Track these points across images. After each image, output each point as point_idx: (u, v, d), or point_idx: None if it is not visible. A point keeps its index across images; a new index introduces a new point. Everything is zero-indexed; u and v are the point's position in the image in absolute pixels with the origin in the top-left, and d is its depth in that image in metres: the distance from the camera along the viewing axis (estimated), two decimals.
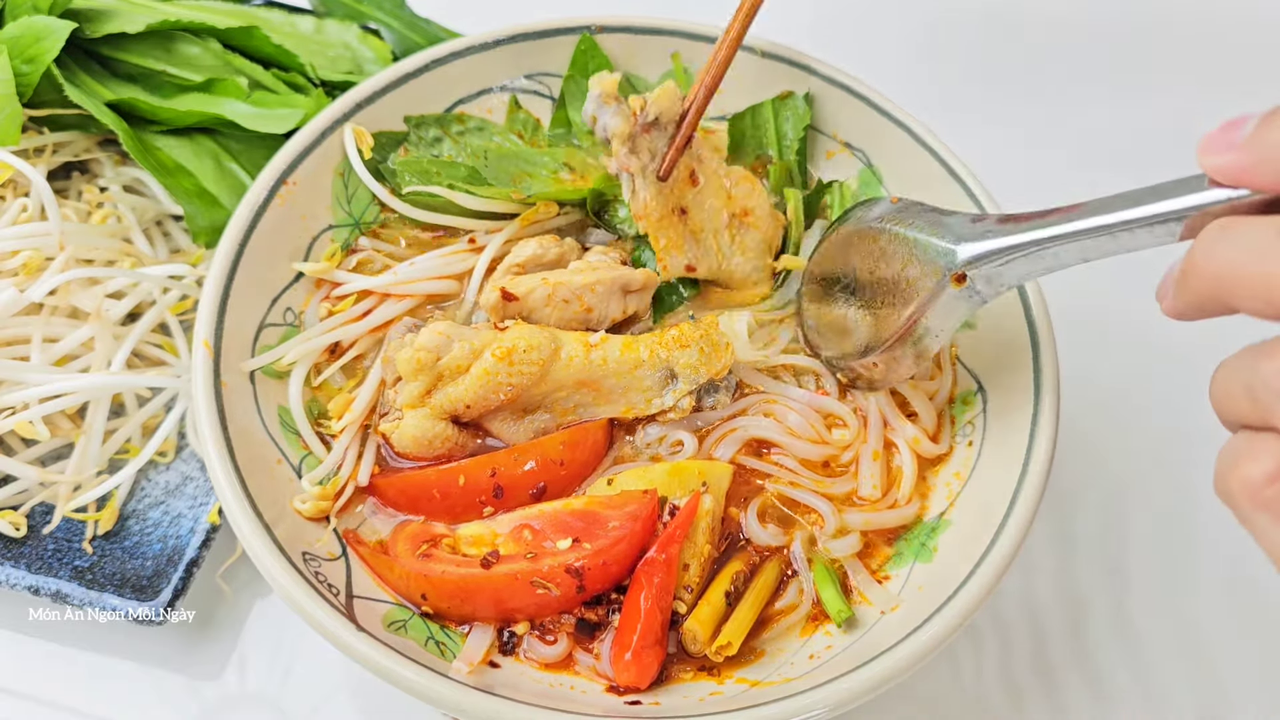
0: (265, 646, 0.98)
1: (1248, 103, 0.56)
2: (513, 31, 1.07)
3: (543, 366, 0.85)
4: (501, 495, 0.87)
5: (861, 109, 1.03)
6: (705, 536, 0.85)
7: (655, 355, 0.89)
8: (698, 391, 0.91)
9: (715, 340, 0.91)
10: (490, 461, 0.87)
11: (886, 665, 0.73)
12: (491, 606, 0.81)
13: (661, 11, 1.10)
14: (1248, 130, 0.52)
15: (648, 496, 0.84)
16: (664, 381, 0.89)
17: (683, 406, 0.90)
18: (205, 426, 0.82)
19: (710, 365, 0.90)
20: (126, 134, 1.07)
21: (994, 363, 0.93)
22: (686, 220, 0.95)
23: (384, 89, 1.02)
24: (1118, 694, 1.00)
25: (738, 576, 0.86)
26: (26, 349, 1.00)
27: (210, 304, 0.88)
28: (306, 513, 0.85)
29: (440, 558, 0.82)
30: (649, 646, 0.79)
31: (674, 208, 0.95)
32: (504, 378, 0.85)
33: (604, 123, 0.91)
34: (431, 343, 0.85)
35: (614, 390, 0.89)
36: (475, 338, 0.86)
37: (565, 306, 0.92)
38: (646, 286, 0.96)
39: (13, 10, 1.10)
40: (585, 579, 0.80)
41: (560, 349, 0.87)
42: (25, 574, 0.94)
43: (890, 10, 1.56)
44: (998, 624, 1.03)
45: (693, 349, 0.89)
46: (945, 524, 0.87)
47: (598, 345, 0.88)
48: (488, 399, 0.86)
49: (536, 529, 0.84)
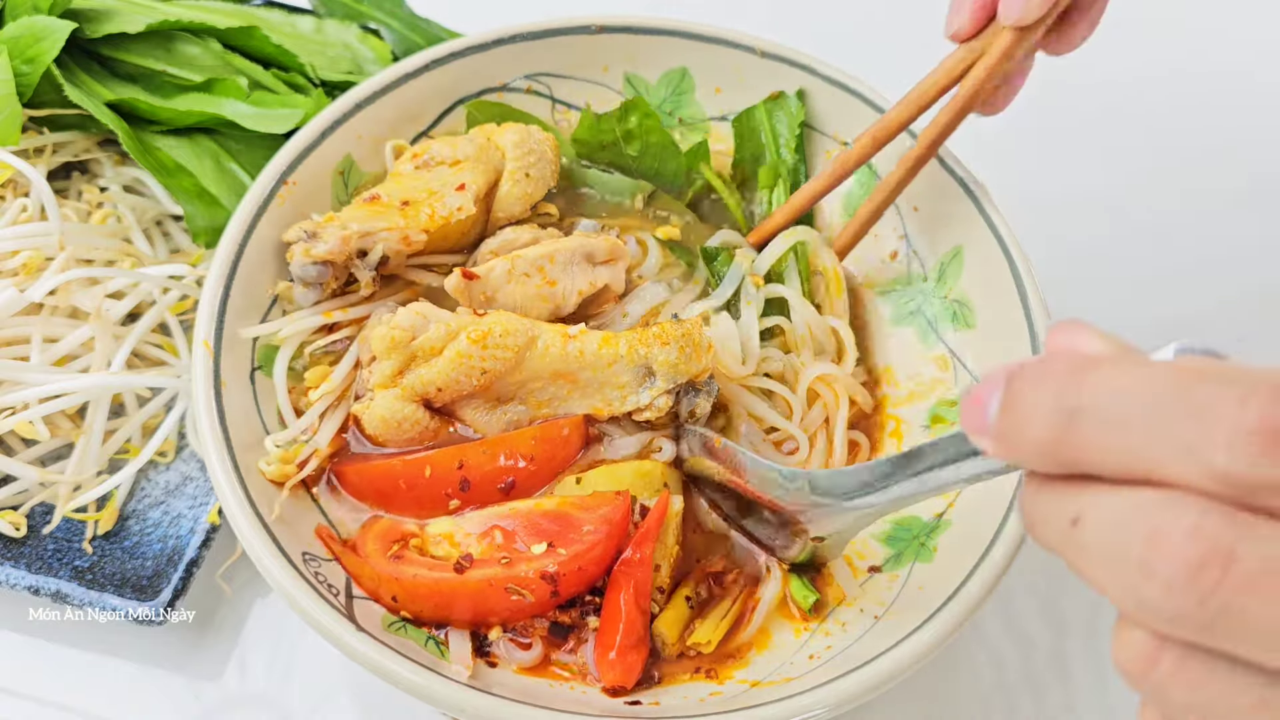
0: (265, 646, 0.98)
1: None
2: (513, 31, 1.07)
3: (517, 353, 0.84)
4: (468, 489, 0.85)
5: (861, 109, 1.03)
6: (674, 537, 0.85)
7: (634, 351, 0.86)
8: (676, 393, 0.88)
9: (697, 340, 0.87)
10: (458, 454, 0.85)
11: (887, 665, 0.73)
12: (465, 611, 0.80)
13: (661, 11, 1.10)
14: (994, 410, 0.47)
15: (620, 498, 0.83)
16: (641, 379, 0.87)
17: (658, 406, 0.87)
18: (205, 426, 0.82)
19: (689, 366, 0.87)
20: (126, 134, 1.07)
21: (994, 363, 0.93)
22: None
23: (384, 89, 1.02)
24: (1118, 692, 1.00)
25: (702, 580, 0.87)
26: (26, 349, 1.00)
27: (210, 304, 0.88)
28: (271, 475, 0.85)
29: (412, 560, 0.81)
30: (632, 646, 0.79)
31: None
32: (477, 362, 0.83)
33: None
34: (407, 321, 0.84)
35: (590, 384, 0.87)
36: (453, 320, 0.85)
37: (526, 281, 0.90)
38: (614, 256, 0.94)
39: (13, 10, 1.10)
40: (560, 584, 0.79)
41: (537, 338, 0.85)
42: (25, 574, 0.94)
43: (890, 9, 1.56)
44: (998, 623, 1.03)
45: (672, 346, 0.86)
46: (945, 524, 0.87)
47: (576, 337, 0.86)
48: (460, 383, 0.84)
49: (508, 530, 0.82)
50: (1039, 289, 0.91)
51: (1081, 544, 0.44)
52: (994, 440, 0.47)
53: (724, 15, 0.99)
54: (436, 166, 0.98)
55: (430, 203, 0.94)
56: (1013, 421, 0.46)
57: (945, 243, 1.00)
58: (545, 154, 1.01)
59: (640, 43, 1.09)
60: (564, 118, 1.12)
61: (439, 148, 1.00)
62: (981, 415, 0.48)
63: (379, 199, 0.95)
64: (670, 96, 1.12)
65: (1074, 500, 0.45)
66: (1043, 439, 0.45)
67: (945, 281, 1.00)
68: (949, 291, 0.99)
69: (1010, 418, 0.46)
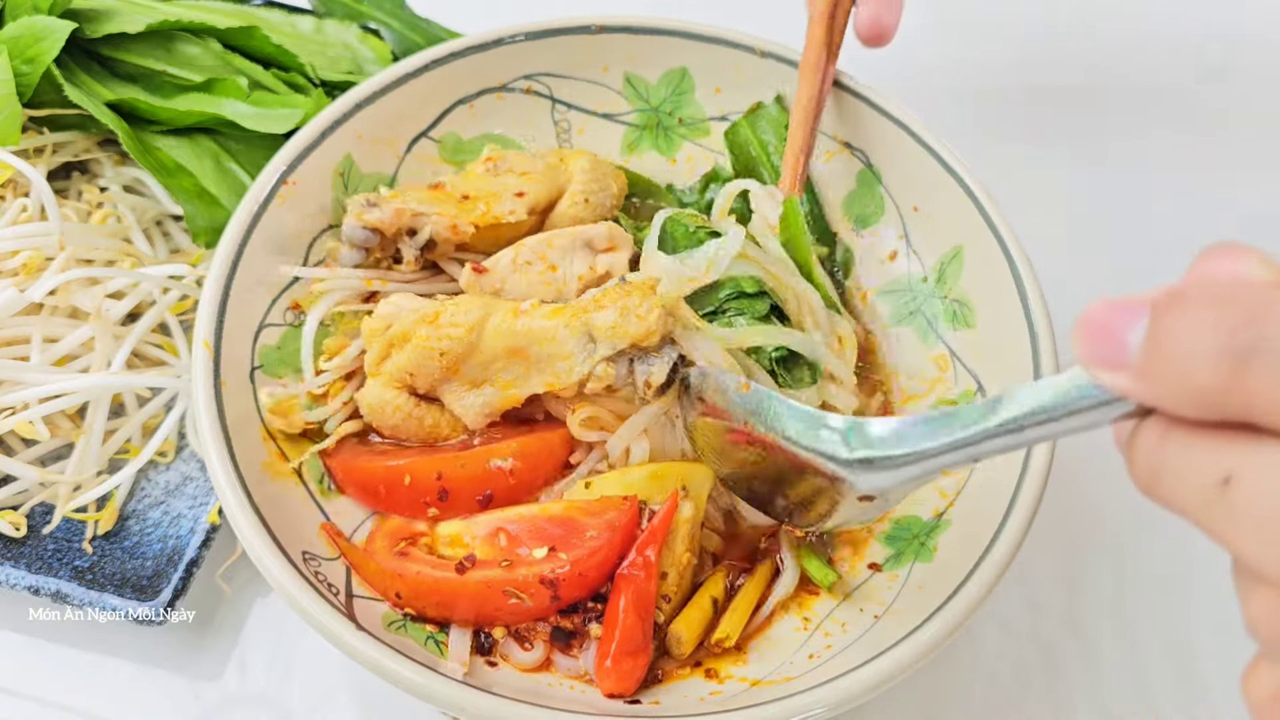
0: (265, 646, 0.98)
1: None
2: (513, 31, 1.07)
3: (469, 331, 0.84)
4: (446, 499, 0.86)
5: (861, 108, 1.03)
6: (685, 544, 0.83)
7: (576, 319, 0.83)
8: (627, 361, 0.83)
9: (637, 304, 0.82)
10: (438, 464, 0.86)
11: (886, 665, 0.73)
12: (465, 611, 0.80)
13: (661, 11, 1.10)
14: (1136, 343, 0.41)
15: (627, 504, 0.82)
16: (584, 347, 0.83)
17: (598, 374, 0.83)
18: (205, 426, 0.82)
19: (630, 328, 0.81)
20: (126, 134, 1.07)
21: (994, 363, 0.93)
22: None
23: (384, 89, 1.02)
24: (1118, 693, 1.00)
25: (728, 578, 0.87)
26: (26, 349, 1.00)
27: (210, 304, 0.88)
28: (271, 411, 0.88)
29: (416, 557, 0.81)
30: (629, 653, 0.78)
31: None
32: (435, 343, 0.84)
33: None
34: (384, 310, 0.87)
35: (541, 359, 0.85)
36: (426, 308, 0.86)
37: (529, 269, 0.92)
38: (615, 243, 0.94)
39: (13, 10, 1.10)
40: (560, 589, 0.79)
41: (490, 316, 0.85)
42: (25, 574, 0.94)
43: None
44: (998, 623, 1.03)
45: (610, 310, 0.82)
46: (945, 524, 0.87)
47: (527, 313, 0.85)
48: (426, 366, 0.86)
49: (512, 533, 0.83)
50: (1039, 289, 0.91)
51: (1232, 506, 0.38)
52: (1135, 378, 0.41)
53: (724, 15, 0.99)
54: (505, 173, 1.01)
55: (487, 201, 0.97)
56: (1164, 358, 0.39)
57: (945, 243, 1.00)
58: (609, 186, 1.03)
59: (640, 43, 1.09)
60: (563, 118, 1.12)
61: (513, 157, 1.03)
62: (1114, 347, 0.41)
63: (443, 187, 0.99)
64: (670, 96, 1.12)
65: (1228, 455, 0.39)
66: (1205, 382, 0.38)
67: (945, 281, 1.00)
68: (949, 291, 0.99)
69: (1160, 353, 0.40)
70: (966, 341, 0.97)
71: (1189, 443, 0.40)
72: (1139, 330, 0.41)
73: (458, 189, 0.99)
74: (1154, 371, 0.40)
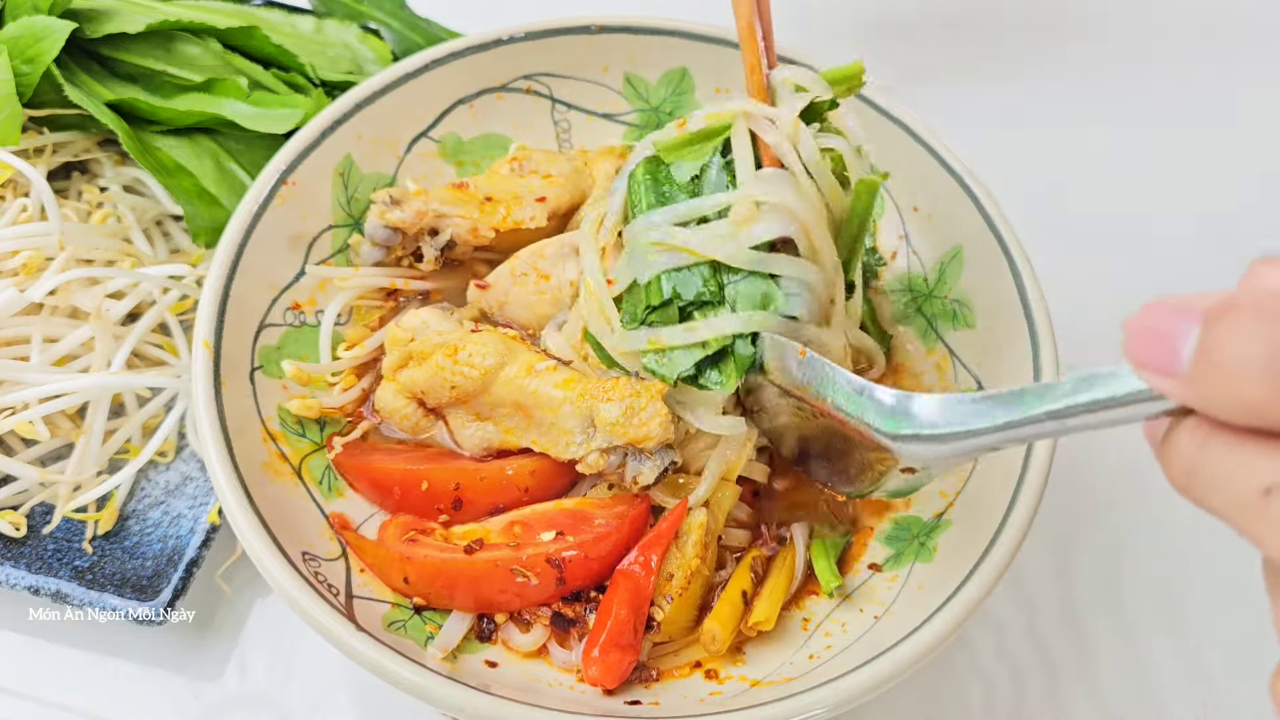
0: (265, 646, 0.98)
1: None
2: (513, 31, 1.07)
3: (484, 375, 0.85)
4: (460, 508, 0.87)
5: (860, 108, 1.03)
6: (695, 550, 0.83)
7: (582, 399, 0.83)
8: (621, 454, 0.83)
9: (643, 407, 0.81)
10: (457, 474, 0.87)
11: (886, 665, 0.73)
12: (472, 592, 0.82)
13: (661, 11, 1.10)
14: (1188, 354, 0.41)
15: (640, 500, 0.84)
16: (584, 429, 0.84)
17: (590, 462, 0.83)
18: (205, 426, 0.82)
19: (630, 430, 0.81)
20: (126, 134, 1.07)
21: (994, 363, 0.93)
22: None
23: (384, 89, 1.02)
24: (1117, 693, 1.00)
25: (755, 566, 0.87)
26: (26, 349, 1.00)
27: (210, 304, 0.88)
28: (295, 374, 0.92)
29: (425, 543, 0.83)
30: (616, 648, 0.79)
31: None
32: (449, 375, 0.86)
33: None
34: (409, 323, 0.89)
35: (542, 424, 0.85)
36: (450, 332, 0.87)
37: (525, 280, 0.93)
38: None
39: (13, 10, 1.10)
40: (565, 571, 0.80)
41: (505, 366, 0.86)
42: (25, 574, 0.94)
43: (890, 8, 1.56)
44: (998, 623, 1.03)
45: (616, 405, 0.81)
46: (945, 524, 0.87)
47: (540, 374, 0.85)
48: (437, 391, 0.87)
49: (526, 523, 0.85)
50: (1039, 289, 0.91)
51: (1274, 519, 0.39)
52: (1184, 385, 0.42)
53: (724, 15, 0.99)
54: (529, 174, 1.02)
55: (508, 205, 0.98)
56: (1214, 367, 0.40)
57: (945, 243, 1.00)
58: None
59: (640, 43, 1.09)
60: (564, 118, 1.12)
61: (539, 158, 1.03)
62: (1165, 353, 0.42)
63: (467, 187, 1.00)
64: (670, 96, 1.12)
65: (1272, 467, 0.40)
66: (1253, 394, 0.39)
67: (945, 281, 1.00)
68: (949, 291, 0.99)
69: (1210, 362, 0.40)
70: (966, 341, 0.97)
71: (1231, 449, 0.41)
72: (1191, 339, 0.41)
73: (481, 190, 1.00)
74: (1203, 379, 0.41)
